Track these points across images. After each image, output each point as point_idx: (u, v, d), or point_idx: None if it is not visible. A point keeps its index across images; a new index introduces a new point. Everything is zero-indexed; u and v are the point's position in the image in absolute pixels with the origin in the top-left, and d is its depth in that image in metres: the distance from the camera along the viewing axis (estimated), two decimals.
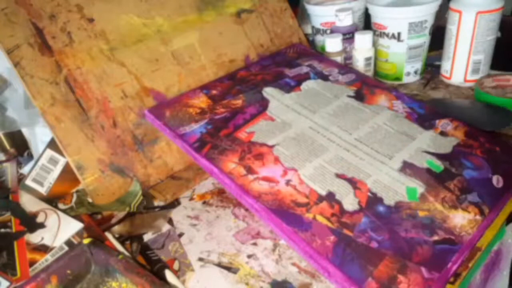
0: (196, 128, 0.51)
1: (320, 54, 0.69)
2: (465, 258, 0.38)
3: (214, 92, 0.58)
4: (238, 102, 0.56)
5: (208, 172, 0.48)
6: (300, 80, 0.61)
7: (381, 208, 0.41)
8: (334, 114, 0.54)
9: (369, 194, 0.42)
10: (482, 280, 0.44)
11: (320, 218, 0.40)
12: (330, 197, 0.42)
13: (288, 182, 0.44)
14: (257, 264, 0.43)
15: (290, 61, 0.66)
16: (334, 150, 0.48)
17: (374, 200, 0.42)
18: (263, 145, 0.49)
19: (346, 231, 0.39)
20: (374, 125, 0.52)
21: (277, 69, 0.64)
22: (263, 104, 0.55)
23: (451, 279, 0.37)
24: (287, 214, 0.40)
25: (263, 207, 0.41)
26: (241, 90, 0.58)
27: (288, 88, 0.59)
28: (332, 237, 0.38)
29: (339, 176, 0.44)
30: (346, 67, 0.66)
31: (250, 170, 0.45)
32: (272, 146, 0.48)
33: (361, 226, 0.39)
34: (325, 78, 0.62)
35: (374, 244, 0.37)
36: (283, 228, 0.39)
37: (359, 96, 0.57)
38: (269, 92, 0.58)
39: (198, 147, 0.49)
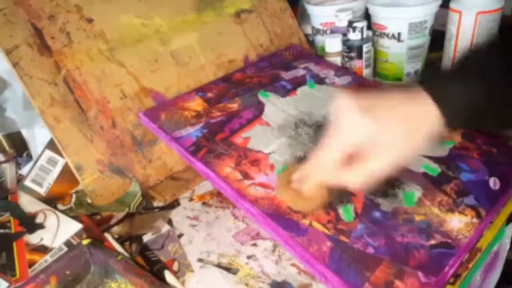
0: (192, 132, 0.51)
1: (316, 56, 0.68)
2: (463, 260, 0.38)
3: (209, 95, 0.58)
4: (234, 105, 0.55)
5: (204, 176, 0.48)
6: (296, 83, 0.60)
7: (377, 214, 0.41)
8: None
9: (365, 200, 0.42)
10: (481, 281, 0.45)
11: (316, 225, 0.40)
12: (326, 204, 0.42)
13: None
14: (256, 264, 0.43)
15: (287, 63, 0.66)
16: None
17: (370, 206, 0.42)
18: (259, 152, 0.48)
19: (342, 238, 0.39)
20: None
21: (273, 72, 0.63)
22: (259, 108, 0.55)
23: (451, 280, 0.37)
24: (283, 219, 0.40)
25: (260, 212, 0.41)
26: (237, 93, 0.58)
27: (284, 92, 0.58)
28: (328, 243, 0.38)
29: None
30: (343, 69, 0.66)
31: (246, 176, 0.45)
32: (268, 154, 0.48)
33: (357, 232, 0.39)
34: (321, 80, 0.61)
35: (370, 250, 0.38)
36: (279, 233, 0.39)
37: None
38: (265, 96, 0.57)
39: (194, 151, 0.48)
